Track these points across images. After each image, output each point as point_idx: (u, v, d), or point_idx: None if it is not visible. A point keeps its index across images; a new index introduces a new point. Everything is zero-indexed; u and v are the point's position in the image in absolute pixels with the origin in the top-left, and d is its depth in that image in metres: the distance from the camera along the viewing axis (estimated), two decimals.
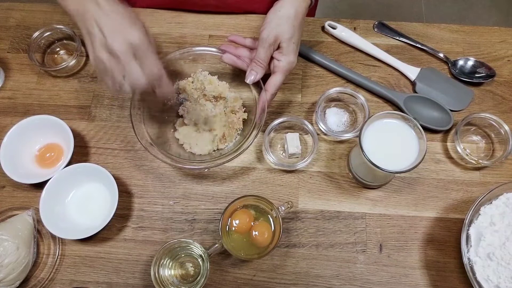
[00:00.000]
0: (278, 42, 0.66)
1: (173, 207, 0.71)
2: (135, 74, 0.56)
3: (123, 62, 0.55)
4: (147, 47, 0.56)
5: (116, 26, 0.55)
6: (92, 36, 0.56)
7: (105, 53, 0.55)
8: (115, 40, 0.54)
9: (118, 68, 0.56)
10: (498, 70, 0.79)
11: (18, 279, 0.64)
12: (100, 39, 0.55)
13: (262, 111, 0.67)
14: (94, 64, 0.57)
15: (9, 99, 0.79)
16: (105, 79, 0.58)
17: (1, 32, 0.84)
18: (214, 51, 0.72)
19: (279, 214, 0.63)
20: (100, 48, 0.55)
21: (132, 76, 0.56)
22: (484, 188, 0.71)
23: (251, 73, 0.67)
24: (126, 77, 0.56)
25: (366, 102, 0.73)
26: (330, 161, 0.73)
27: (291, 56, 0.67)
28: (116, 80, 0.57)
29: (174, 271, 0.65)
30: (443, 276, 0.66)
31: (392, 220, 0.70)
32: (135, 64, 0.56)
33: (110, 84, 0.58)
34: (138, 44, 0.55)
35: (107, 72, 0.56)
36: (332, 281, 0.66)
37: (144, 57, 0.56)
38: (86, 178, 0.70)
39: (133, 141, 0.75)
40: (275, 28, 0.65)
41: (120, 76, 0.56)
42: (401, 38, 0.82)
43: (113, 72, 0.56)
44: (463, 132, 0.75)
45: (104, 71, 0.57)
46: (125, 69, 0.56)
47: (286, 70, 0.68)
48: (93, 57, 0.57)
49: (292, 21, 0.66)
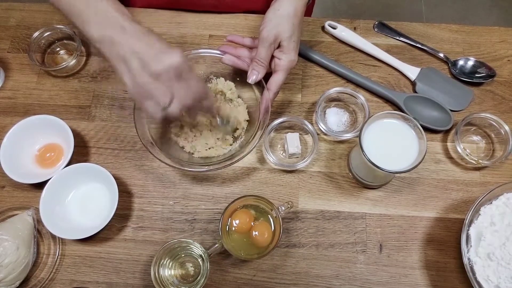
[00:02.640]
0: (278, 41, 0.66)
1: (173, 207, 0.71)
2: (183, 92, 0.55)
3: (169, 84, 0.54)
4: (190, 65, 0.56)
5: (154, 50, 0.54)
6: (128, 62, 0.54)
7: (147, 77, 0.54)
8: (158, 63, 0.53)
9: (163, 91, 0.54)
10: (498, 70, 0.79)
11: (18, 279, 0.64)
12: (139, 64, 0.54)
13: (265, 111, 0.67)
14: (133, 91, 0.55)
15: (9, 99, 0.79)
16: (147, 104, 0.56)
17: (1, 32, 0.84)
18: (214, 53, 0.72)
19: (279, 214, 0.63)
20: (140, 73, 0.54)
21: (181, 95, 0.55)
22: (484, 188, 0.71)
23: (253, 72, 0.67)
24: (175, 97, 0.55)
25: (366, 102, 0.73)
26: (330, 161, 0.73)
27: (291, 54, 0.67)
28: (162, 102, 0.55)
29: (174, 271, 0.65)
30: (443, 276, 0.66)
31: (392, 220, 0.70)
32: (180, 83, 0.55)
33: (152, 108, 0.56)
34: (182, 63, 0.54)
35: (150, 96, 0.55)
36: (332, 281, 0.66)
37: (190, 75, 0.56)
38: (86, 178, 0.70)
39: (133, 141, 0.75)
40: (275, 27, 0.65)
41: (166, 98, 0.55)
42: (401, 38, 0.82)
43: (158, 95, 0.54)
44: (463, 132, 0.75)
45: (146, 96, 0.55)
46: (174, 90, 0.55)
47: (287, 69, 0.68)
48: (132, 84, 0.55)
49: (292, 19, 0.66)
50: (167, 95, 0.55)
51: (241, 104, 0.75)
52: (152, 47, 0.54)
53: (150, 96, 0.55)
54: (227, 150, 0.72)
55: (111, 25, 0.55)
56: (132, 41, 0.54)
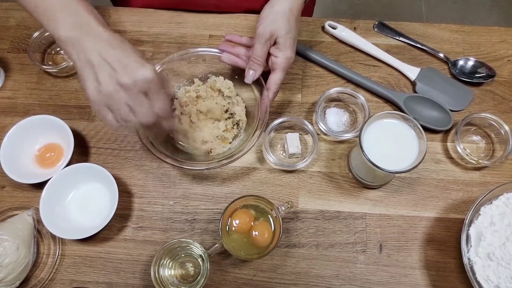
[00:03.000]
0: (274, 37, 0.66)
1: (173, 207, 0.71)
2: (145, 109, 0.54)
3: (133, 96, 0.53)
4: (159, 83, 0.54)
5: (127, 60, 0.53)
6: (95, 67, 0.52)
7: (113, 87, 0.52)
8: (128, 76, 0.52)
9: (126, 104, 0.53)
10: (498, 70, 0.79)
11: (18, 279, 0.64)
12: (109, 71, 0.52)
13: (265, 110, 0.67)
14: (95, 98, 0.54)
15: (9, 99, 0.79)
16: (107, 114, 0.55)
17: (1, 32, 0.84)
18: (213, 52, 0.72)
19: (279, 214, 0.63)
20: (107, 80, 0.52)
21: (142, 111, 0.54)
22: (484, 188, 0.71)
23: (249, 71, 0.67)
24: (136, 112, 0.54)
25: (366, 102, 0.73)
26: (330, 161, 0.73)
27: (288, 51, 0.66)
28: (121, 115, 0.54)
29: (174, 271, 0.65)
30: (443, 276, 0.66)
31: (392, 220, 0.70)
32: (145, 99, 0.54)
33: (112, 119, 0.55)
34: (152, 79, 0.53)
35: (111, 105, 0.54)
36: (332, 281, 0.66)
37: (157, 93, 0.54)
38: (86, 178, 0.70)
39: (133, 141, 0.75)
40: (270, 24, 0.65)
41: (126, 112, 0.54)
42: (401, 38, 0.82)
43: (119, 108, 0.53)
44: (463, 132, 0.75)
45: (106, 105, 0.54)
46: (136, 104, 0.53)
47: (284, 67, 0.67)
48: (95, 91, 0.53)
49: (288, 16, 0.65)
50: (127, 110, 0.54)
51: (240, 102, 0.75)
52: (125, 58, 0.53)
53: (111, 107, 0.54)
54: (227, 148, 0.72)
55: (83, 27, 0.53)
56: (105, 48, 0.53)
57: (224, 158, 0.66)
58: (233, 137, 0.73)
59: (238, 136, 0.74)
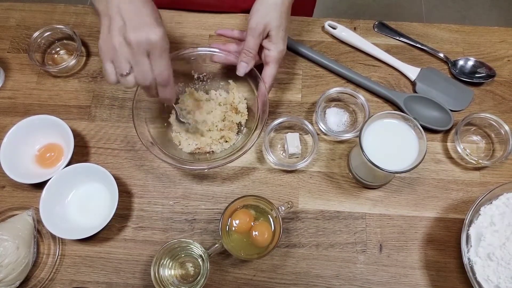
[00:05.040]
0: (267, 30, 0.66)
1: (173, 207, 0.71)
2: (144, 69, 0.55)
3: (135, 54, 0.54)
4: (165, 49, 0.55)
5: (140, 18, 0.54)
6: (111, 20, 0.54)
7: (120, 38, 0.54)
8: (135, 31, 0.53)
9: (126, 60, 0.55)
10: (498, 70, 0.79)
11: (18, 279, 0.64)
12: (120, 25, 0.54)
13: (263, 104, 0.67)
14: (103, 46, 0.55)
15: (9, 99, 0.79)
16: (107, 64, 0.56)
17: (1, 32, 0.84)
18: (206, 51, 0.72)
19: (279, 214, 0.63)
20: (116, 33, 0.54)
21: (140, 70, 0.55)
22: (484, 188, 0.71)
23: (241, 64, 0.67)
24: (134, 70, 0.55)
25: (366, 102, 0.73)
26: (330, 161, 0.73)
27: (280, 44, 0.67)
28: (121, 68, 0.55)
29: (174, 271, 0.65)
30: (443, 276, 0.66)
31: (392, 220, 0.70)
32: (147, 60, 0.55)
33: (111, 70, 0.56)
34: (157, 43, 0.54)
35: (114, 57, 0.55)
36: (332, 281, 0.66)
37: (158, 57, 0.55)
38: (86, 178, 0.70)
39: (133, 141, 0.75)
40: (263, 17, 0.65)
41: (125, 68, 0.55)
42: (401, 38, 0.82)
43: (121, 60, 0.55)
44: (463, 132, 0.75)
45: (110, 55, 0.55)
46: (136, 62, 0.55)
47: (277, 59, 0.68)
48: (105, 40, 0.55)
49: (280, 8, 0.65)
50: (127, 66, 0.55)
51: (242, 99, 0.75)
52: (137, 16, 0.54)
53: (113, 59, 0.55)
54: (228, 146, 0.72)
55: None
56: (126, 3, 0.55)
57: (226, 156, 0.67)
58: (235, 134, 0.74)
59: (240, 134, 0.74)
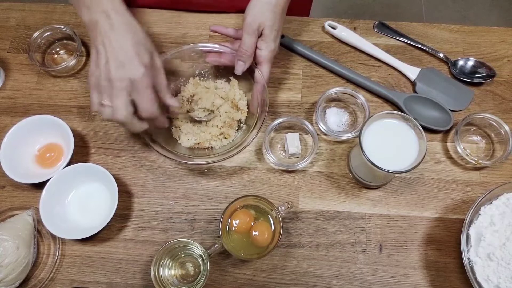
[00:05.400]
0: (261, 28, 0.66)
1: (173, 207, 0.71)
2: (120, 108, 0.58)
3: (114, 93, 0.57)
4: (146, 85, 0.58)
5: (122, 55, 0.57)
6: (98, 54, 0.58)
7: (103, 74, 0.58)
8: (116, 71, 0.57)
9: (107, 93, 0.58)
10: (498, 70, 0.79)
11: (18, 279, 0.64)
12: (105, 60, 0.57)
13: (262, 101, 0.68)
14: (90, 76, 0.60)
15: (9, 99, 0.79)
16: (93, 93, 0.60)
17: (1, 32, 0.84)
18: (198, 48, 0.73)
19: (279, 214, 0.63)
20: (102, 68, 0.58)
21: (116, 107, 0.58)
22: (484, 188, 0.71)
23: (239, 63, 0.68)
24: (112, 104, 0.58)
25: (366, 102, 0.73)
26: (330, 161, 0.73)
27: (272, 44, 0.67)
28: (99, 100, 0.59)
29: (174, 271, 0.65)
30: (443, 276, 0.66)
31: (392, 220, 0.70)
32: (124, 99, 0.57)
33: (94, 100, 0.60)
34: (138, 82, 0.57)
35: (97, 89, 0.59)
36: (332, 281, 0.66)
37: (142, 94, 0.58)
38: (86, 178, 0.70)
39: (133, 141, 0.75)
40: (258, 15, 0.65)
41: (106, 100, 0.58)
42: (401, 38, 0.82)
43: (103, 93, 0.58)
44: (463, 132, 0.75)
45: (94, 87, 0.59)
46: (115, 99, 0.57)
47: (270, 58, 0.68)
48: (92, 69, 0.59)
49: (274, 8, 0.66)
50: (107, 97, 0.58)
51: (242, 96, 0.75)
52: (121, 51, 0.57)
53: (97, 90, 0.59)
54: (227, 142, 0.72)
55: (100, 11, 0.58)
56: (111, 36, 0.58)
57: (227, 151, 0.67)
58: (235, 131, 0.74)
59: (240, 130, 0.74)
